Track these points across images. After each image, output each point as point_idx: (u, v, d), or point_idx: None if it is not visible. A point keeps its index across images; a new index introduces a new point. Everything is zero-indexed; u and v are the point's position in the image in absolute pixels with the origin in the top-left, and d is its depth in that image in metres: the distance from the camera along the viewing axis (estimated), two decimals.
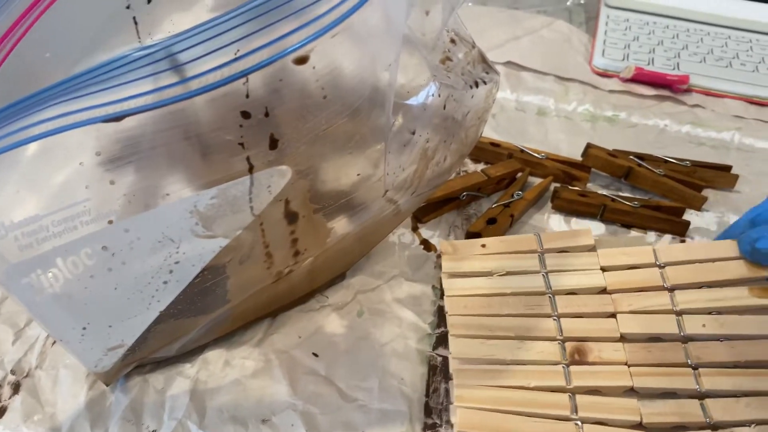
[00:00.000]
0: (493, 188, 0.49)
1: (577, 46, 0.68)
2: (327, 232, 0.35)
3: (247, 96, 0.26)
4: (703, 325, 0.37)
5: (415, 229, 0.46)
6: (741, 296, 0.38)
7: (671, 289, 0.39)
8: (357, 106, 0.29)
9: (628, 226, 0.47)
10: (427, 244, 0.45)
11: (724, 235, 0.42)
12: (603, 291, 0.40)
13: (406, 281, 0.42)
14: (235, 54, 0.25)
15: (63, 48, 0.31)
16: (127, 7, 0.34)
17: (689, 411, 0.34)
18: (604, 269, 0.40)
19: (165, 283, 0.31)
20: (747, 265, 0.39)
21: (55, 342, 0.38)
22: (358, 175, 0.33)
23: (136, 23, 0.34)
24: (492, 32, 0.68)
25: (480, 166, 0.51)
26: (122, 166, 0.28)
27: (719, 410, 0.34)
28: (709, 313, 0.38)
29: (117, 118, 0.26)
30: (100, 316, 0.31)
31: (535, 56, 0.65)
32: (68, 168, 0.28)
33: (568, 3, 0.74)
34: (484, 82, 0.43)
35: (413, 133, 0.36)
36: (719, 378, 0.35)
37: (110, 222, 0.29)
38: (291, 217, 0.32)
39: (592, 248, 0.42)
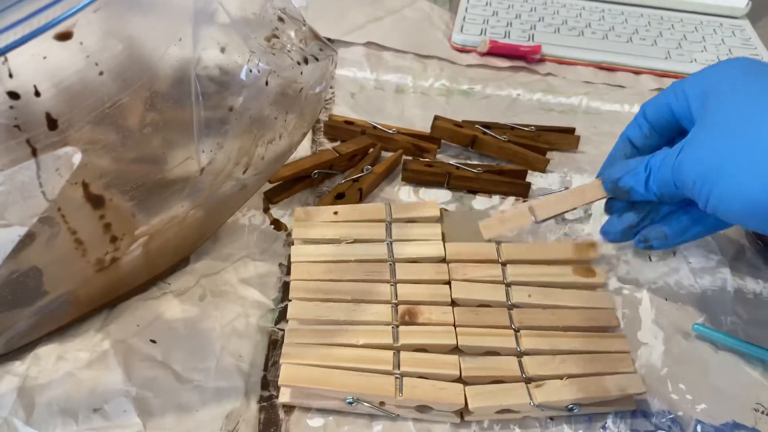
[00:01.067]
0: (345, 165, 0.50)
1: (438, 24, 0.69)
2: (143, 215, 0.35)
3: (11, 76, 0.26)
4: (529, 295, 0.39)
5: (266, 210, 0.46)
6: (564, 274, 0.41)
7: (504, 263, 0.41)
8: (143, 82, 0.29)
9: (474, 191, 0.49)
10: (277, 224, 0.46)
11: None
12: (442, 261, 0.41)
13: (253, 261, 0.43)
14: None
15: None
16: None
17: (507, 366, 0.36)
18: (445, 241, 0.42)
19: None
20: (571, 247, 0.42)
21: None
22: (163, 152, 0.33)
23: None
24: (353, 13, 0.68)
25: (334, 145, 0.52)
26: None
27: (535, 366, 0.36)
28: (536, 287, 0.40)
29: None
30: None
31: (395, 36, 0.66)
32: None
33: None
34: (316, 59, 0.43)
35: (230, 110, 0.37)
36: (538, 339, 0.37)
37: None
38: (95, 200, 0.32)
39: (437, 219, 0.43)
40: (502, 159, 0.52)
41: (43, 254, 0.32)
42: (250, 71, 0.38)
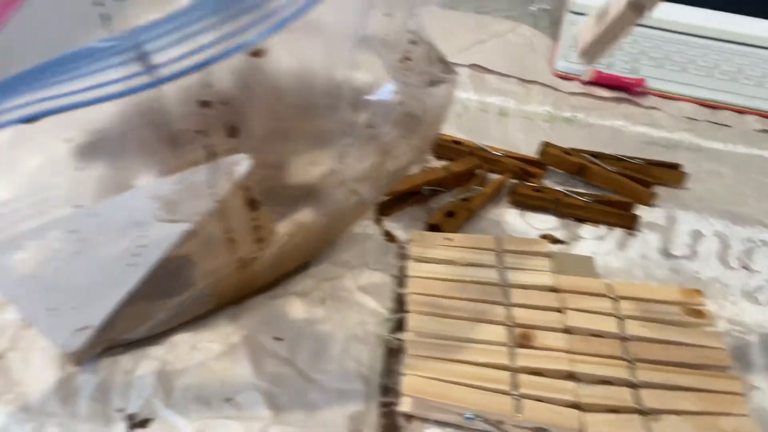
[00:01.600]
0: (453, 183, 0.51)
1: (540, 50, 0.70)
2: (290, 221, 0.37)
3: (207, 86, 0.28)
4: (643, 327, 0.40)
5: (378, 222, 0.48)
6: (674, 312, 0.42)
7: (615, 298, 0.42)
8: (315, 100, 0.32)
9: (581, 219, 0.50)
10: (389, 236, 0.47)
11: None
12: (553, 290, 0.42)
13: (368, 270, 0.44)
14: (197, 46, 0.27)
15: (31, 46, 0.33)
16: (99, 5, 0.36)
17: (622, 397, 0.36)
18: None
19: (130, 265, 0.33)
20: (679, 292, 0.43)
21: (28, 326, 0.39)
22: (317, 166, 0.35)
23: (108, 20, 0.36)
24: (459, 36, 0.70)
25: (443, 163, 0.53)
26: (91, 152, 0.30)
27: (651, 399, 0.36)
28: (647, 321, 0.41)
29: (84, 106, 0.28)
30: (67, 297, 0.33)
31: (499, 59, 0.68)
32: (39, 154, 0.30)
33: (533, 8, 0.77)
34: (442, 82, 0.45)
35: (372, 128, 0.39)
36: (652, 372, 0.38)
37: (79, 207, 0.31)
38: (252, 204, 0.34)
39: (546, 255, 0.44)
40: (608, 189, 0.52)
41: (199, 249, 0.34)
42: (389, 92, 0.40)
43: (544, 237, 0.48)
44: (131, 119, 0.29)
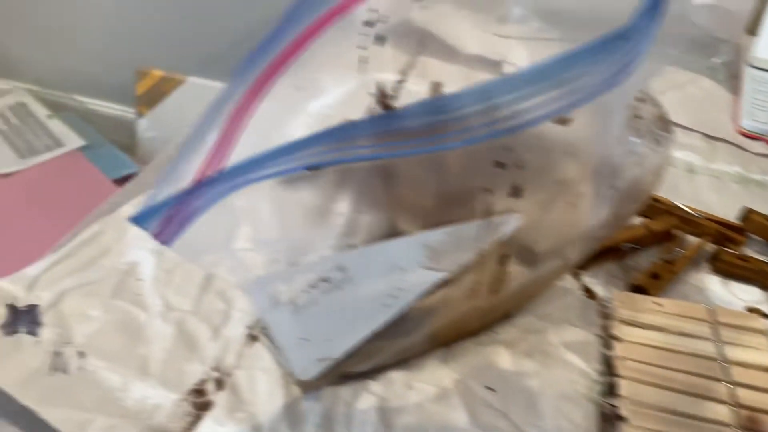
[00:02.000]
0: (651, 242, 0.50)
1: (721, 105, 0.68)
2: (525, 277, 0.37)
3: (508, 149, 0.28)
4: None
5: (576, 276, 0.47)
6: None
7: None
8: (589, 168, 0.31)
9: None
10: (589, 292, 0.46)
11: None
12: None
13: (570, 326, 0.44)
14: (506, 113, 0.27)
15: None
16: (362, 48, 0.37)
17: None
18: None
19: (385, 306, 0.33)
20: None
21: (252, 343, 0.41)
22: (568, 227, 0.35)
23: (365, 63, 0.38)
24: None
25: (640, 219, 0.52)
26: (372, 199, 0.31)
27: None
28: None
29: (382, 158, 0.29)
30: (321, 329, 0.34)
31: (680, 111, 0.66)
32: (320, 196, 0.31)
33: (715, 60, 0.74)
34: (665, 141, 0.44)
35: (611, 188, 0.38)
36: None
37: (351, 246, 0.31)
38: (503, 259, 0.34)
39: (761, 332, 0.42)
40: None
41: (444, 296, 0.35)
42: (627, 152, 0.39)
43: (750, 310, 0.46)
44: (417, 173, 0.29)
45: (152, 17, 1.48)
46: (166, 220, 0.28)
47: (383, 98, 0.43)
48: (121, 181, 1.45)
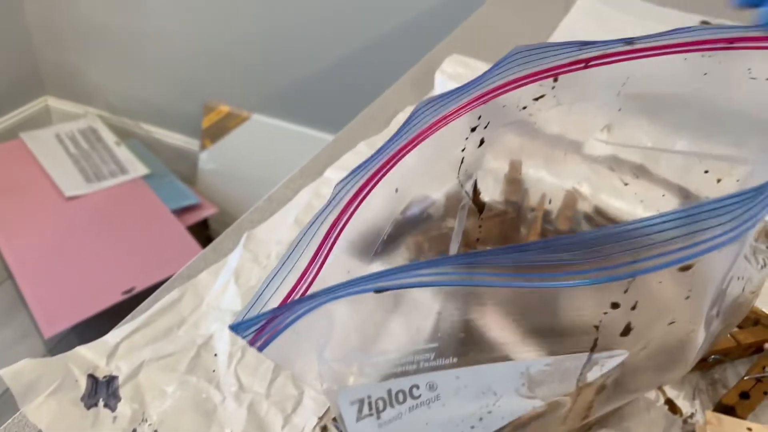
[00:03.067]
0: (739, 354, 0.48)
1: None
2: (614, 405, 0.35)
3: (626, 291, 0.27)
4: None
5: (659, 387, 0.45)
6: None
7: None
8: (705, 304, 0.30)
9: None
10: (672, 406, 0.44)
11: None
12: None
13: None
14: (635, 258, 0.26)
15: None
16: (462, 150, 0.36)
17: None
18: None
19: (472, 427, 0.32)
20: None
21: None
22: (673, 360, 0.33)
23: (462, 162, 0.37)
24: None
25: (733, 332, 0.49)
26: (475, 323, 0.30)
27: None
28: None
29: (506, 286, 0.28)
30: None
31: None
32: (427, 315, 0.31)
33: None
34: (766, 257, 0.42)
35: (717, 315, 0.36)
36: None
37: (445, 367, 0.31)
38: (600, 389, 0.33)
39: None
40: None
41: (536, 424, 0.33)
42: (738, 278, 0.37)
43: None
44: (533, 302, 0.29)
45: (222, 54, 1.52)
46: (262, 328, 0.27)
47: (476, 196, 0.42)
48: (180, 211, 1.48)
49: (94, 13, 1.58)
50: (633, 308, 0.28)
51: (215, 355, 0.44)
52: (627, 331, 0.29)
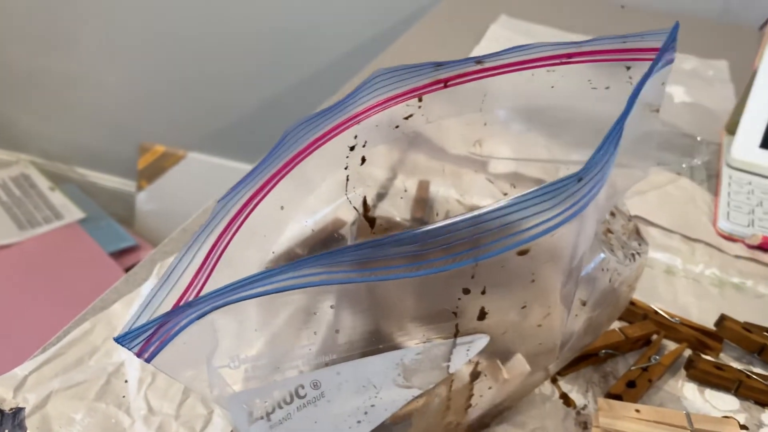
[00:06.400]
0: (629, 347, 0.51)
1: (701, 206, 0.70)
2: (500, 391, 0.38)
3: (473, 277, 0.30)
4: None
5: (554, 381, 0.48)
6: None
7: None
8: (553, 286, 0.33)
9: (763, 404, 0.48)
10: (566, 399, 0.47)
11: None
12: None
13: None
14: (474, 245, 0.29)
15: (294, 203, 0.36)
16: (345, 168, 0.39)
17: None
18: None
19: (358, 422, 0.34)
20: None
21: None
22: (540, 344, 0.36)
23: (347, 180, 0.40)
24: None
25: (616, 324, 0.53)
26: (346, 319, 0.32)
27: None
28: None
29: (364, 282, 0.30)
30: None
31: (661, 213, 0.68)
32: (300, 315, 0.33)
33: (695, 160, 0.77)
34: (638, 254, 0.46)
35: (584, 304, 0.40)
36: None
37: (327, 364, 0.33)
38: (474, 376, 0.35)
39: None
40: None
41: (419, 413, 0.35)
42: (601, 268, 0.41)
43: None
44: (392, 294, 0.31)
45: (154, 95, 1.53)
46: (149, 339, 0.29)
47: (366, 212, 0.45)
48: (118, 254, 1.47)
49: (23, 58, 1.57)
50: (483, 293, 0.30)
51: (125, 381, 0.45)
52: (483, 315, 0.31)
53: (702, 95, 0.94)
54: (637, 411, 0.44)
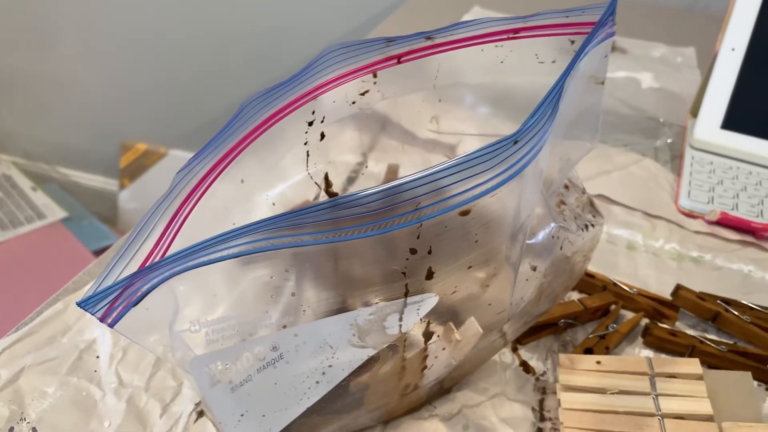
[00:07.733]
0: (587, 317, 0.53)
1: (664, 185, 0.72)
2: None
3: (418, 237, 0.31)
4: None
5: (515, 350, 0.50)
6: None
7: None
8: (498, 248, 0.35)
9: (715, 368, 0.50)
10: (526, 366, 0.49)
11: None
12: (710, 419, 0.42)
13: (508, 400, 0.46)
14: (416, 206, 0.30)
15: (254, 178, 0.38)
16: (305, 143, 0.41)
17: None
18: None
19: (317, 383, 0.36)
20: None
21: (197, 419, 0.43)
22: (489, 305, 0.38)
23: (308, 156, 0.41)
24: (584, 165, 0.73)
25: (575, 295, 0.55)
26: (303, 282, 0.34)
27: None
28: None
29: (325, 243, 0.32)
30: (257, 405, 0.36)
31: (624, 191, 0.70)
32: (259, 279, 0.34)
33: (658, 143, 0.79)
34: (592, 225, 0.48)
35: (534, 269, 0.41)
36: None
37: (284, 327, 0.34)
38: (428, 336, 0.37)
39: (699, 377, 0.45)
40: (741, 339, 0.53)
41: (376, 374, 0.37)
42: (552, 236, 0.42)
43: None
44: (343, 259, 0.33)
45: (136, 93, 1.54)
46: (111, 304, 0.31)
47: (328, 187, 0.46)
48: (101, 252, 1.47)
49: (3, 60, 1.57)
50: (429, 253, 0.32)
51: (97, 357, 0.46)
52: (430, 275, 0.33)
53: (669, 81, 0.96)
54: (599, 362, 0.46)
